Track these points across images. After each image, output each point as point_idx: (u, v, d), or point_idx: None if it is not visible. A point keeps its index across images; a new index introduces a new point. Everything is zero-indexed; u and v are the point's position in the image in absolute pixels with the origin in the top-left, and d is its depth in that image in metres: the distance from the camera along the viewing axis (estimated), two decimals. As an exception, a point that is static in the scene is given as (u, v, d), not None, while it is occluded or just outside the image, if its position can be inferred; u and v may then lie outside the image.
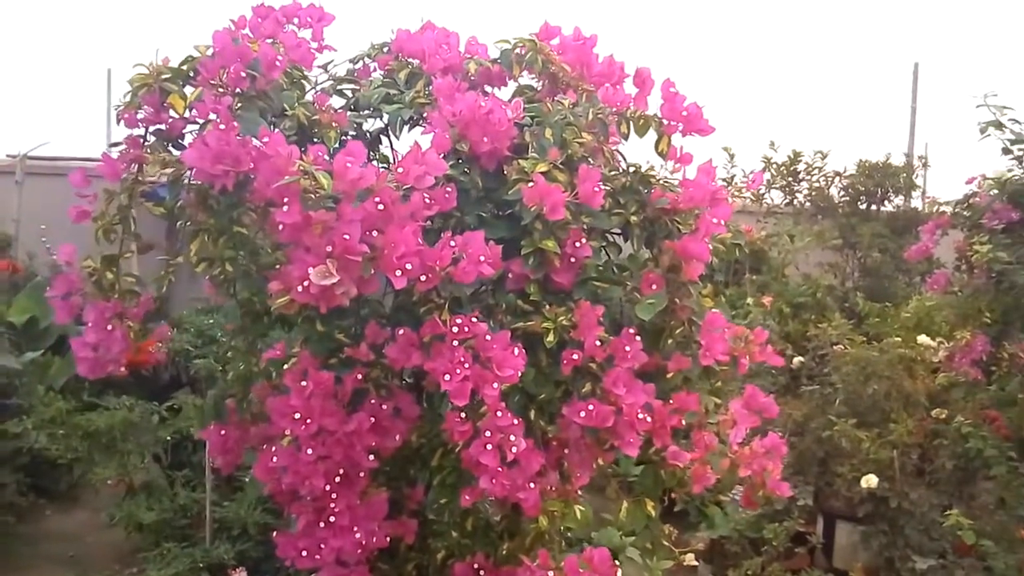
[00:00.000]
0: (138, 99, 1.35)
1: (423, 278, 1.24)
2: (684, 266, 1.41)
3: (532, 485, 1.32)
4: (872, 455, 3.42)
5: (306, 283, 1.17)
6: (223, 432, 1.50)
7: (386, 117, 1.58)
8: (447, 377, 1.24)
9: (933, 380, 3.71)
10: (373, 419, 1.33)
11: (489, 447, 1.27)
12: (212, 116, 1.26)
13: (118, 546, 3.60)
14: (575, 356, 1.37)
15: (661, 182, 1.56)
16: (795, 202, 6.47)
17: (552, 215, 1.35)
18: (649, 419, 1.36)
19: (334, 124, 1.50)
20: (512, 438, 1.29)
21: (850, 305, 5.43)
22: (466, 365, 1.25)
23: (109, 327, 1.34)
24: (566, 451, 1.46)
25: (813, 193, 6.44)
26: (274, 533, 1.37)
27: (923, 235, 4.17)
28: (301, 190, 1.17)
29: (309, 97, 1.59)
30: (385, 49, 1.77)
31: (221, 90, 1.27)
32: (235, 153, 1.20)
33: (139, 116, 1.34)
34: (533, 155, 1.46)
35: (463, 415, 1.28)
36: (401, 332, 1.29)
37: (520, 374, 1.40)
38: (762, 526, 3.51)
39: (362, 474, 1.36)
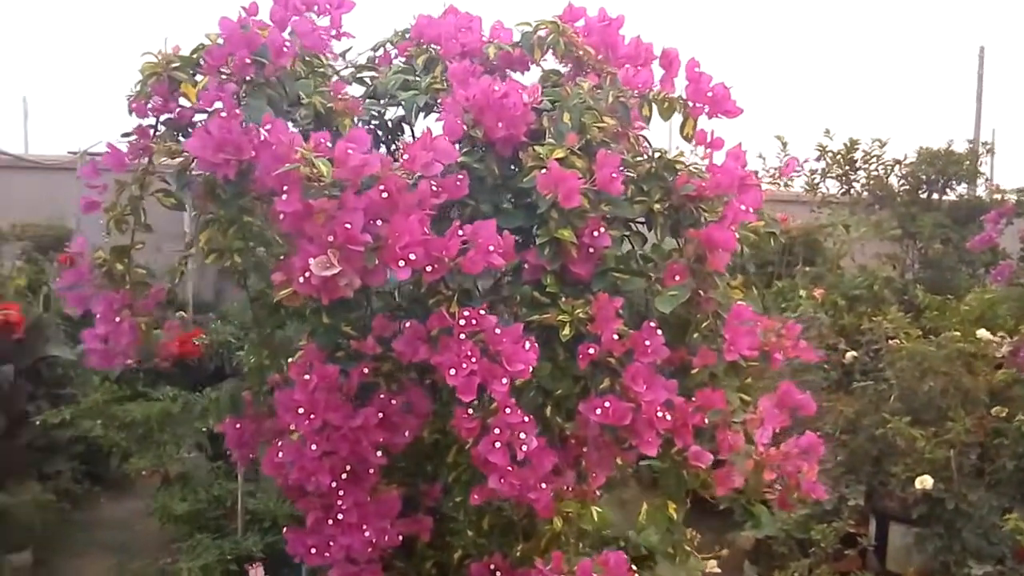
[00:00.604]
0: (148, 88, 1.33)
1: (429, 269, 1.19)
2: (709, 256, 1.33)
3: (544, 485, 1.27)
4: (928, 454, 3.27)
5: (307, 274, 1.13)
6: (238, 425, 1.48)
7: (402, 104, 1.54)
8: (453, 372, 1.19)
9: (994, 376, 3.53)
10: (381, 414, 1.29)
11: (498, 445, 1.22)
12: (217, 104, 1.23)
13: (162, 535, 3.66)
14: (591, 350, 1.31)
15: (688, 168, 1.48)
16: (852, 191, 6.26)
17: (567, 202, 1.29)
18: (669, 417, 1.29)
19: (348, 112, 1.47)
20: (522, 436, 1.23)
21: (909, 298, 5.23)
22: (473, 359, 1.20)
23: (117, 319, 1.32)
24: (584, 449, 1.40)
25: (871, 182, 6.22)
26: (284, 529, 1.35)
27: (987, 224, 3.98)
28: (302, 178, 1.13)
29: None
30: (407, 35, 1.73)
31: (225, 77, 1.24)
32: (237, 141, 1.17)
33: (149, 106, 1.32)
34: (550, 141, 1.40)
35: (471, 411, 1.23)
36: (408, 325, 1.25)
37: (534, 369, 1.35)
38: (810, 526, 3.39)
39: (371, 471, 1.32)
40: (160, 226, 1.44)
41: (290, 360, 1.32)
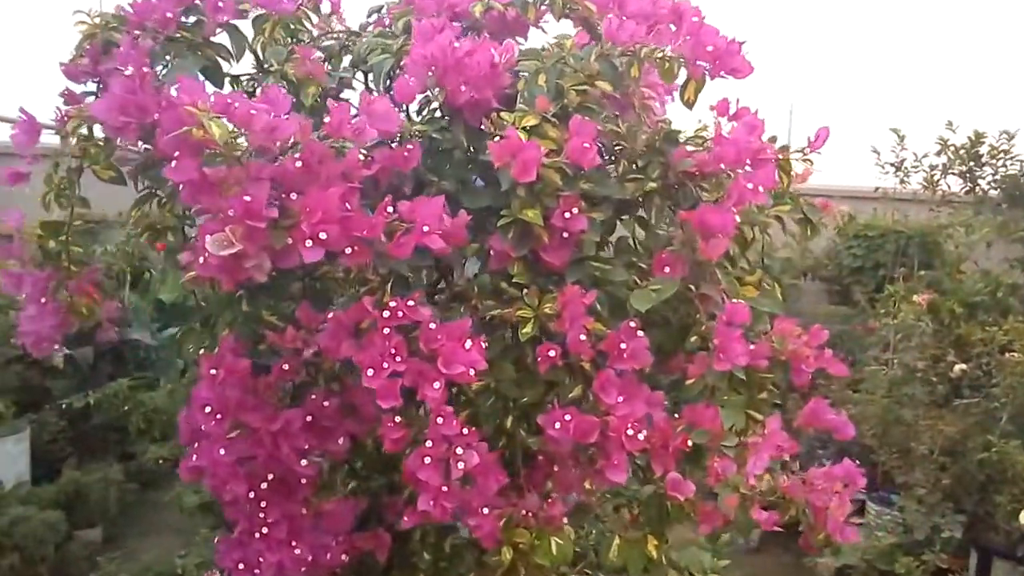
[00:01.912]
0: (82, 51, 1.22)
1: (348, 251, 1.02)
2: (701, 243, 1.10)
3: (487, 510, 1.08)
4: (1040, 485, 2.85)
5: (206, 254, 0.98)
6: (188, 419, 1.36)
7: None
8: (371, 372, 1.01)
9: None
10: (310, 417, 1.13)
11: (428, 460, 1.04)
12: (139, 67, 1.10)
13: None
14: (551, 352, 1.10)
15: (695, 139, 1.25)
16: (977, 189, 5.66)
17: (523, 176, 1.08)
18: (642, 436, 1.07)
19: (311, 78, 1.31)
20: (459, 451, 1.04)
21: (1037, 307, 4.66)
22: (398, 358, 1.02)
23: (43, 300, 1.22)
24: (556, 468, 1.20)
25: (1002, 179, 5.60)
26: (216, 539, 1.21)
27: None
28: (201, 144, 0.98)
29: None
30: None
31: (141, 33, 1.11)
32: (142, 102, 1.03)
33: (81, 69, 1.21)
34: (522, 107, 1.20)
35: (396, 419, 1.05)
36: (331, 316, 1.08)
37: (494, 373, 1.16)
38: (896, 557, 3.03)
39: (304, 480, 1.16)
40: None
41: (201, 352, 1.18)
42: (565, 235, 1.16)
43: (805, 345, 1.20)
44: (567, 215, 1.14)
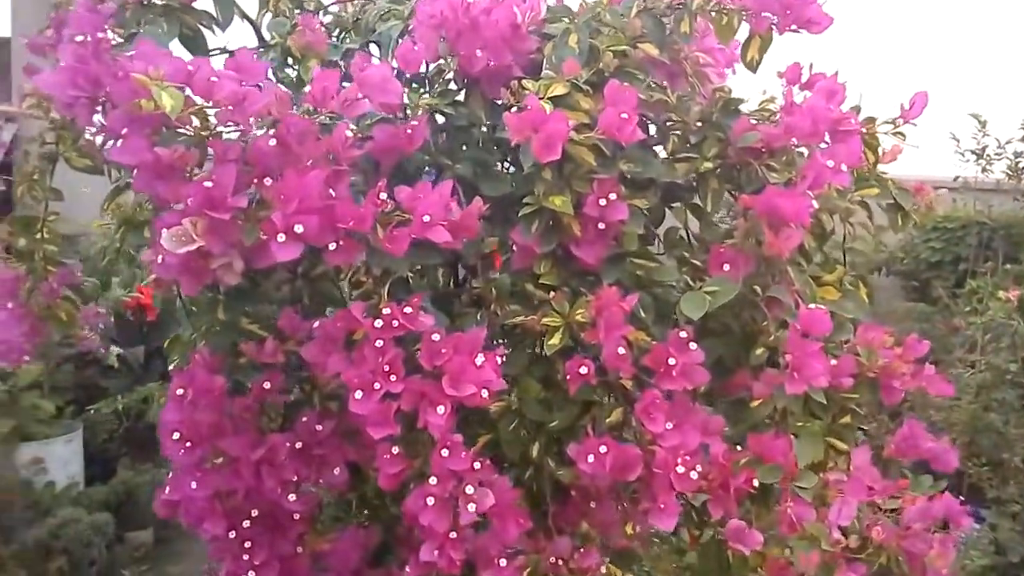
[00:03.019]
0: (49, 21, 1.07)
1: (333, 246, 0.84)
2: (768, 234, 0.89)
3: (504, 562, 0.89)
4: None
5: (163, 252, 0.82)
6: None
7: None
8: (358, 395, 0.83)
9: None
10: (301, 443, 0.95)
11: (431, 501, 0.85)
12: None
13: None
14: (583, 368, 0.90)
15: (759, 113, 1.04)
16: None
17: (544, 153, 0.89)
18: (696, 473, 0.87)
19: (312, 49, 1.14)
20: (470, 489, 0.86)
21: None
22: (392, 377, 0.84)
23: (10, 305, 1.08)
24: (592, 506, 1.00)
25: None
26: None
27: None
28: (157, 119, 0.81)
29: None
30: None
31: (102, -3, 0.95)
32: (93, 73, 0.87)
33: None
34: (549, 73, 1.00)
35: (394, 450, 0.87)
36: (316, 326, 0.90)
37: (517, 393, 0.97)
38: (989, 584, 2.73)
39: (296, 515, 0.99)
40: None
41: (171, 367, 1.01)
42: (601, 226, 0.97)
43: (898, 358, 0.98)
44: (602, 202, 0.94)
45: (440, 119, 1.06)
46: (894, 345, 0.97)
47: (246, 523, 0.95)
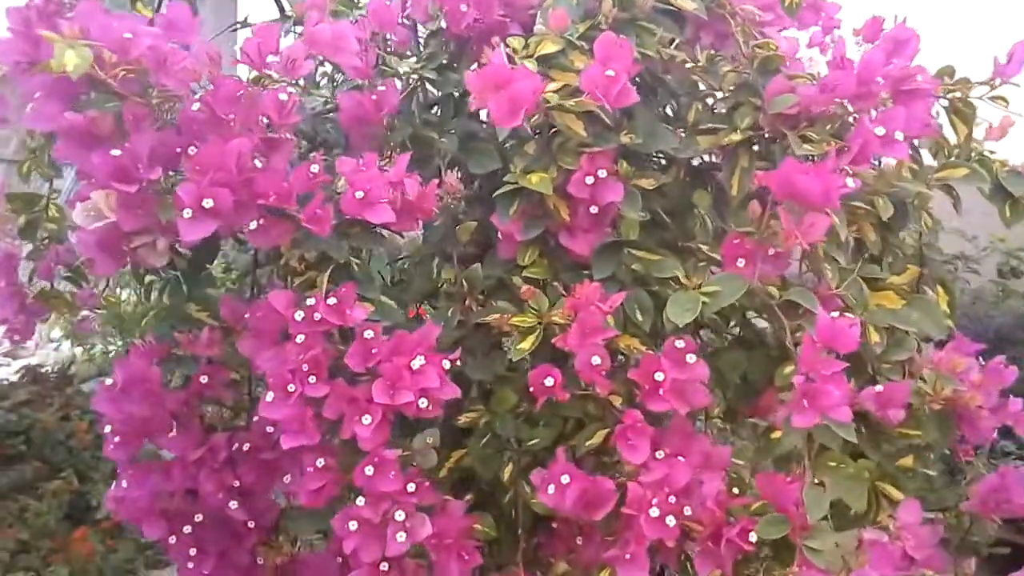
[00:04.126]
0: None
1: (255, 224, 0.73)
2: (783, 220, 0.70)
3: (445, 603, 0.75)
4: None
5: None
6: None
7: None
8: (269, 397, 0.72)
9: None
10: (248, 446, 0.86)
11: (354, 526, 0.73)
12: None
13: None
14: (549, 380, 0.75)
15: (807, 75, 0.83)
16: None
17: (505, 118, 0.74)
18: (673, 520, 0.69)
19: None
20: (399, 516, 0.72)
21: None
22: (312, 377, 0.72)
23: (3, 282, 1.05)
24: (580, 541, 0.84)
25: None
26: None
27: None
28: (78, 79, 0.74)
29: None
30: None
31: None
32: (34, 36, 0.81)
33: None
34: (541, 27, 0.85)
35: (319, 462, 0.75)
36: (248, 316, 0.80)
37: (489, 403, 0.83)
38: None
39: (251, 524, 0.89)
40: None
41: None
42: (594, 211, 0.80)
43: (976, 387, 0.75)
44: (589, 180, 0.78)
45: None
46: (969, 369, 0.75)
47: (187, 528, 0.86)
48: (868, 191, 0.79)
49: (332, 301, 0.73)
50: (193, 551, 0.88)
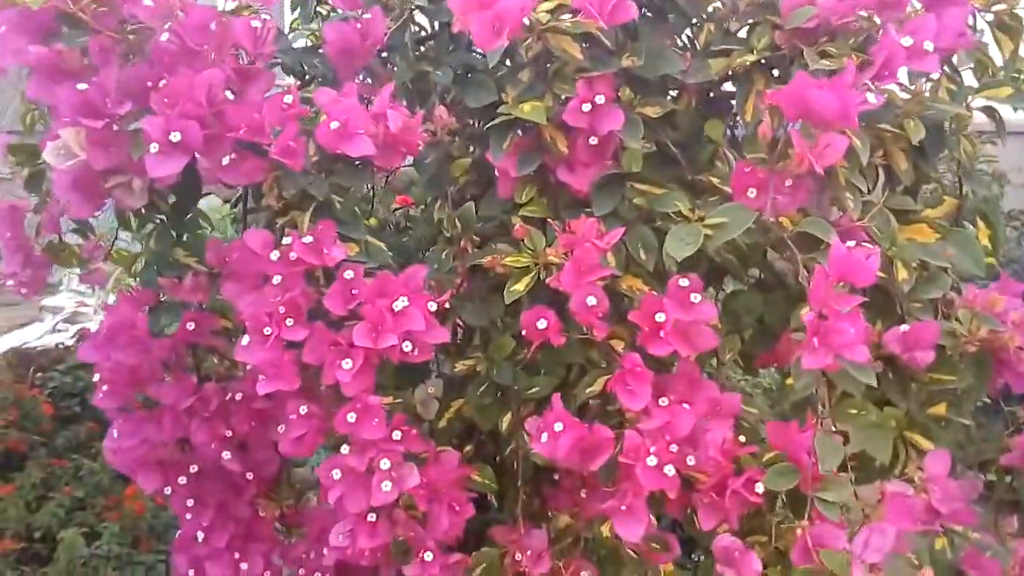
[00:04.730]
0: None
1: (227, 160, 0.69)
2: (795, 143, 0.63)
3: (430, 556, 0.71)
4: None
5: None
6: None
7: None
8: (245, 341, 0.69)
9: None
10: (241, 396, 0.83)
11: (337, 474, 0.69)
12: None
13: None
14: (541, 322, 0.70)
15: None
16: None
17: (488, 40, 0.68)
18: (672, 470, 0.64)
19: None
20: (385, 464, 0.69)
21: None
22: (290, 320, 0.68)
23: (8, 234, 1.04)
24: (584, 494, 0.79)
25: None
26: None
27: None
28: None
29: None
30: None
31: None
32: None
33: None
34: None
35: (302, 409, 0.71)
36: (229, 257, 0.76)
37: (485, 349, 0.79)
38: None
39: (250, 475, 0.87)
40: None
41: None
42: (593, 142, 0.75)
43: (1016, 327, 0.68)
44: (586, 107, 0.72)
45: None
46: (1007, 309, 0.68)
47: (182, 479, 0.84)
48: (898, 114, 0.71)
49: (308, 240, 0.69)
50: (191, 502, 0.87)
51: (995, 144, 1.03)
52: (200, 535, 0.88)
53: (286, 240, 0.70)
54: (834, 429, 0.67)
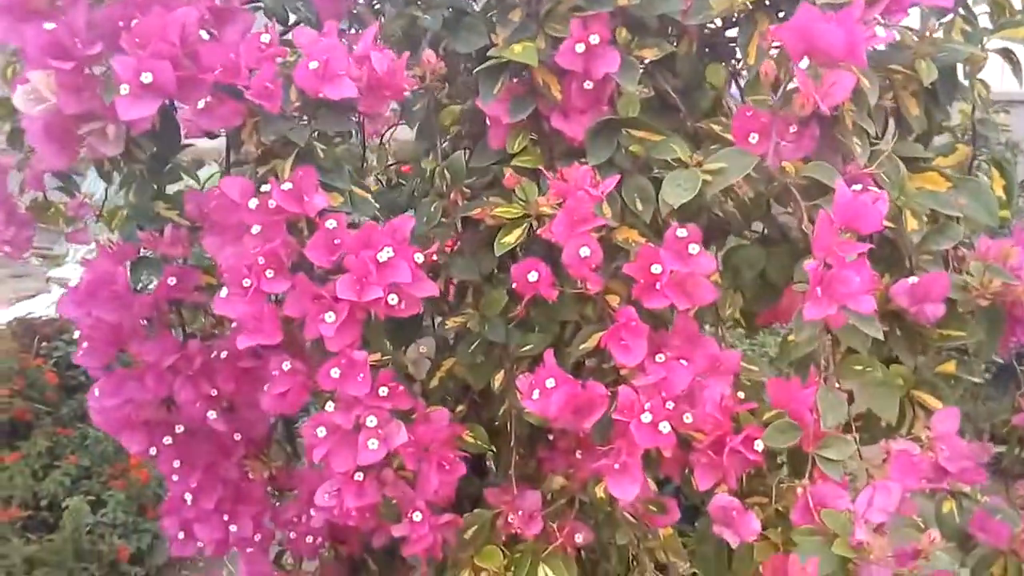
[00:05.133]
0: None
1: (202, 103, 0.66)
2: (800, 82, 0.59)
3: (418, 516, 0.69)
4: None
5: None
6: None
7: None
8: (223, 293, 0.66)
9: None
10: (227, 354, 0.80)
11: (322, 432, 0.67)
12: None
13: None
14: (532, 275, 0.67)
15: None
16: None
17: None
18: (667, 427, 0.61)
19: None
20: (371, 421, 0.66)
21: None
22: (270, 271, 0.66)
23: (-7, 194, 1.01)
24: (579, 454, 0.77)
25: None
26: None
27: None
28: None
29: None
30: None
31: None
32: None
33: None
34: None
35: (286, 366, 0.69)
36: (207, 207, 0.73)
37: (478, 304, 0.76)
38: None
39: (238, 436, 0.85)
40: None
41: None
42: (588, 86, 0.71)
43: None
44: (580, 47, 0.68)
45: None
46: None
47: (167, 439, 0.82)
48: (910, 55, 0.68)
49: (288, 187, 0.66)
50: (177, 464, 0.85)
51: (1008, 113, 0.99)
52: (188, 497, 0.86)
53: (265, 187, 0.67)
54: (838, 387, 0.65)
